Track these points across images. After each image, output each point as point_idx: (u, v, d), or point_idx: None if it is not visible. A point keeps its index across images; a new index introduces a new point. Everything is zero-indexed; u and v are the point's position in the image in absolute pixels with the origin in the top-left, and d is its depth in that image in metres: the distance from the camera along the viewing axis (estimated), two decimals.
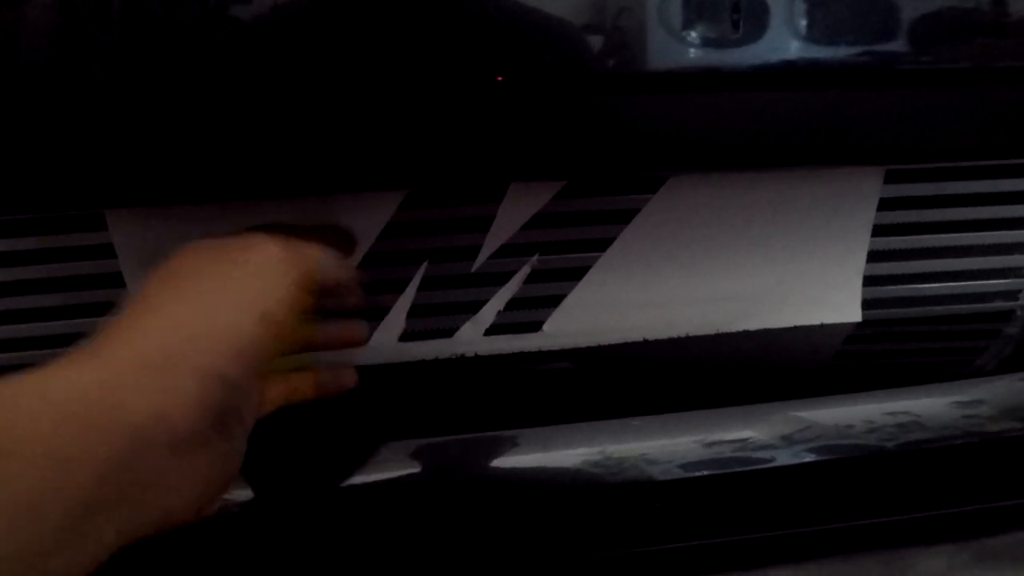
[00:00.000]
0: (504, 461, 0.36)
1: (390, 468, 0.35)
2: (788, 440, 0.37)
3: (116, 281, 0.37)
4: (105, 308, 0.38)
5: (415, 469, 0.35)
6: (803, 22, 0.30)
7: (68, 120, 0.30)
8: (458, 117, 0.31)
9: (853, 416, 0.38)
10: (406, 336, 0.40)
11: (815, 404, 0.38)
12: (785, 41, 0.30)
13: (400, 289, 0.40)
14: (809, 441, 0.37)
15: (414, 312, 0.40)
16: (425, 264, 0.39)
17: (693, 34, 0.30)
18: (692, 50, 0.30)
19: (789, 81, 0.30)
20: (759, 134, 0.32)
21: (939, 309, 0.44)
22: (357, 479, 0.34)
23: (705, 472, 0.36)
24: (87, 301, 0.38)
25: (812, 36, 0.30)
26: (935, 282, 0.43)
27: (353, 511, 0.34)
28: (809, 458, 0.37)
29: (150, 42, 0.28)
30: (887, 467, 0.37)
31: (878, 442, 0.37)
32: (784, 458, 0.36)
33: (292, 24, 0.29)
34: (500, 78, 0.29)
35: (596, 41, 0.29)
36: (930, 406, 0.38)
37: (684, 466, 0.36)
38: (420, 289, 0.40)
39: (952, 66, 0.32)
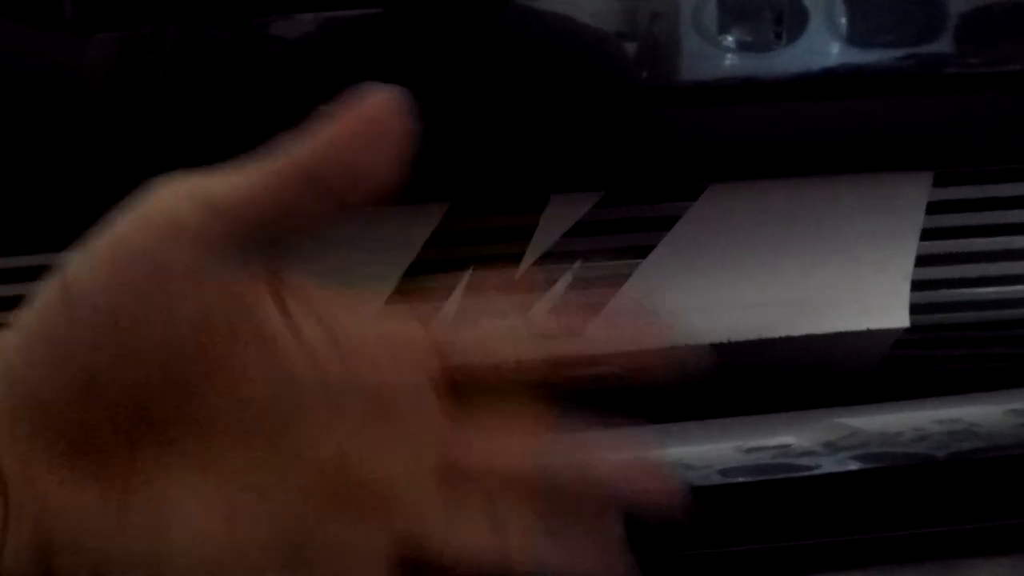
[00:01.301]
0: None
1: None
2: (831, 447, 0.36)
3: None
4: None
5: None
6: (845, 29, 0.30)
7: (122, 140, 0.31)
8: (500, 132, 0.32)
9: (902, 423, 0.37)
10: None
11: (861, 411, 0.37)
12: (827, 49, 0.30)
13: (444, 297, 0.41)
14: (854, 448, 0.36)
15: (459, 319, 0.41)
16: (469, 271, 0.40)
17: (734, 44, 0.30)
18: (733, 60, 0.30)
19: (831, 89, 0.30)
20: (802, 142, 0.32)
21: (989, 314, 0.43)
22: None
23: (746, 478, 0.36)
24: None
25: (855, 42, 0.30)
26: (985, 286, 0.42)
27: None
28: (855, 466, 0.36)
29: (200, 67, 0.30)
30: (937, 476, 0.37)
31: (928, 450, 0.36)
32: (828, 465, 0.36)
33: (338, 43, 0.30)
34: (535, 93, 0.30)
35: (634, 54, 0.30)
36: (983, 414, 0.37)
37: (724, 472, 0.36)
38: (464, 296, 0.41)
39: (1000, 69, 0.31)
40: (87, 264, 0.17)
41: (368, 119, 0.17)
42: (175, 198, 0.17)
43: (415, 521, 0.18)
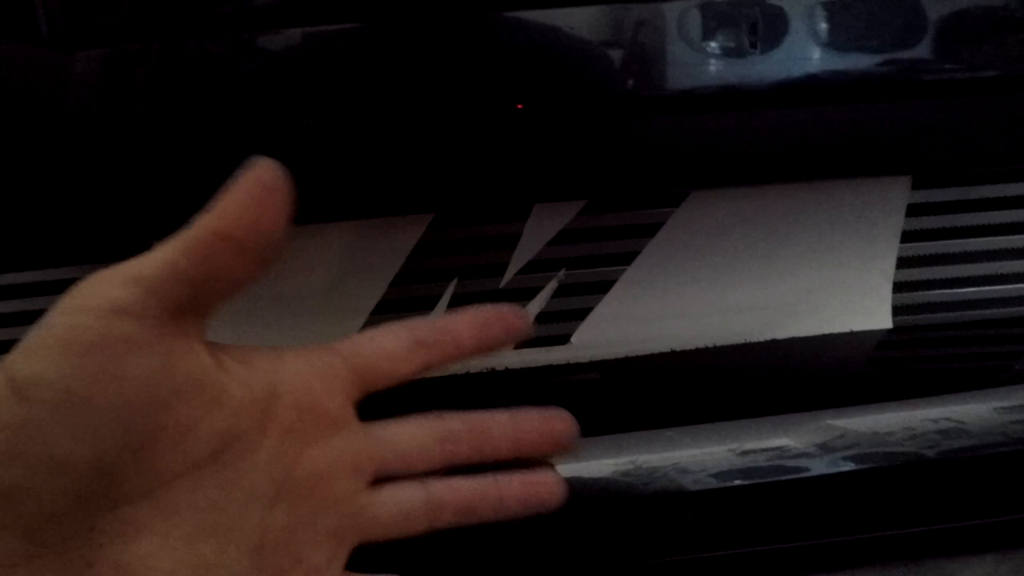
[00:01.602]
0: None
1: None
2: (824, 448, 0.37)
3: None
4: None
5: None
6: (822, 37, 0.30)
7: (113, 152, 0.31)
8: (482, 143, 0.32)
9: (892, 423, 0.37)
10: None
11: (851, 412, 0.38)
12: (804, 56, 0.30)
13: (431, 306, 0.41)
14: (847, 449, 0.37)
15: None
16: (455, 281, 0.40)
17: (712, 53, 0.30)
18: (712, 68, 0.30)
19: (809, 96, 0.31)
20: (781, 149, 0.33)
21: (971, 314, 0.43)
22: None
23: (738, 482, 0.36)
24: None
25: (832, 50, 0.30)
26: (966, 287, 0.43)
27: None
28: (847, 466, 0.36)
29: (190, 79, 0.30)
30: (927, 475, 0.37)
31: (918, 449, 0.37)
32: (820, 467, 0.36)
33: (324, 57, 0.30)
34: (520, 105, 0.30)
35: (615, 64, 0.30)
36: (973, 412, 0.38)
37: (717, 475, 0.36)
38: (450, 306, 0.41)
39: (975, 75, 0.32)
40: (34, 358, 0.18)
41: (262, 183, 0.20)
42: (109, 285, 0.19)
43: (354, 507, 0.23)
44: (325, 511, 0.22)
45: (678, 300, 0.41)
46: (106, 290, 0.19)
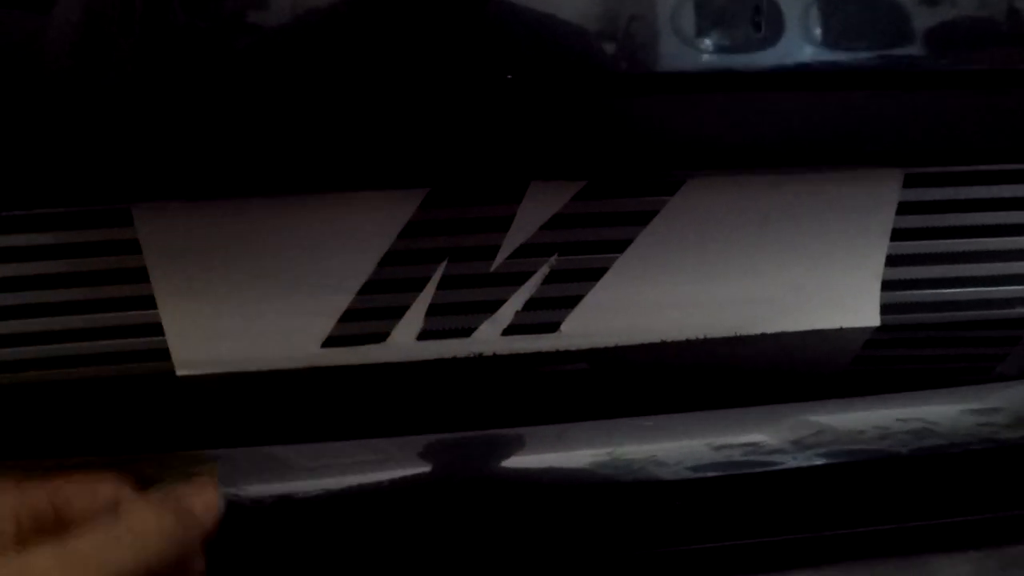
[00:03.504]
0: (516, 460, 0.36)
1: (405, 465, 0.35)
2: (799, 444, 0.37)
3: (141, 276, 0.38)
4: (129, 303, 0.39)
5: (428, 467, 0.35)
6: (821, 24, 0.30)
7: (95, 116, 0.30)
8: (478, 116, 0.31)
9: (865, 421, 0.37)
10: (424, 335, 0.41)
11: (828, 408, 0.38)
12: (803, 43, 0.30)
13: (419, 288, 0.40)
14: (822, 445, 0.37)
15: (432, 311, 0.40)
16: (444, 263, 0.40)
17: (713, 35, 0.30)
18: (711, 51, 0.30)
19: (807, 82, 0.31)
20: (777, 135, 0.32)
21: (959, 314, 0.43)
22: (370, 476, 0.35)
23: (715, 474, 0.36)
24: (111, 296, 0.39)
25: (830, 38, 0.30)
26: (955, 287, 0.43)
27: (365, 509, 0.35)
28: (821, 461, 0.36)
29: (174, 41, 0.29)
30: (901, 472, 0.37)
31: (890, 447, 0.37)
32: (796, 461, 0.36)
33: (314, 25, 0.30)
34: (510, 76, 0.29)
35: (614, 41, 0.30)
36: (943, 412, 0.38)
37: (694, 467, 0.36)
38: (439, 288, 0.40)
39: (971, 68, 0.32)
40: None
41: None
42: None
43: None
44: None
45: (670, 290, 0.41)
46: None
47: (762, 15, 0.29)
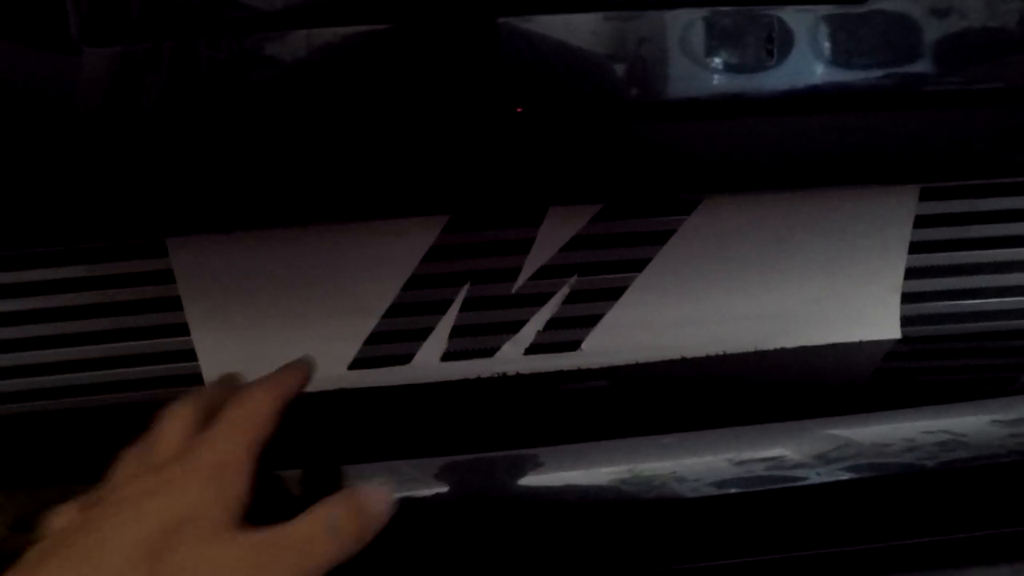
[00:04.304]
0: (539, 478, 0.36)
1: (429, 484, 0.36)
2: (823, 459, 0.37)
3: (175, 305, 0.39)
4: (164, 331, 0.40)
5: (451, 486, 0.36)
6: (831, 47, 0.31)
7: (130, 155, 0.32)
8: (495, 146, 0.32)
9: (892, 434, 0.37)
10: (448, 355, 0.42)
11: (852, 422, 0.38)
12: (813, 66, 0.31)
13: (442, 310, 0.41)
14: (846, 459, 0.37)
15: (456, 332, 0.41)
16: (467, 285, 0.41)
17: (726, 60, 0.31)
18: (723, 75, 0.31)
19: (816, 104, 0.31)
20: (789, 156, 0.33)
21: (980, 325, 0.43)
22: (399, 494, 0.35)
23: (739, 490, 0.36)
24: (146, 324, 0.40)
25: (839, 61, 0.31)
26: (974, 298, 0.43)
27: (392, 528, 0.35)
28: (846, 476, 0.36)
29: (205, 79, 0.30)
30: (929, 486, 0.37)
31: (917, 460, 0.37)
32: (821, 476, 0.36)
33: (337, 64, 0.31)
34: (520, 109, 0.30)
35: (626, 69, 0.31)
36: (970, 424, 0.38)
37: (715, 484, 0.36)
38: (462, 310, 0.41)
39: (981, 87, 0.32)
40: None
41: None
42: None
43: None
44: None
45: (689, 307, 0.42)
46: None
47: (774, 41, 0.30)
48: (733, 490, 0.36)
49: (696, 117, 0.31)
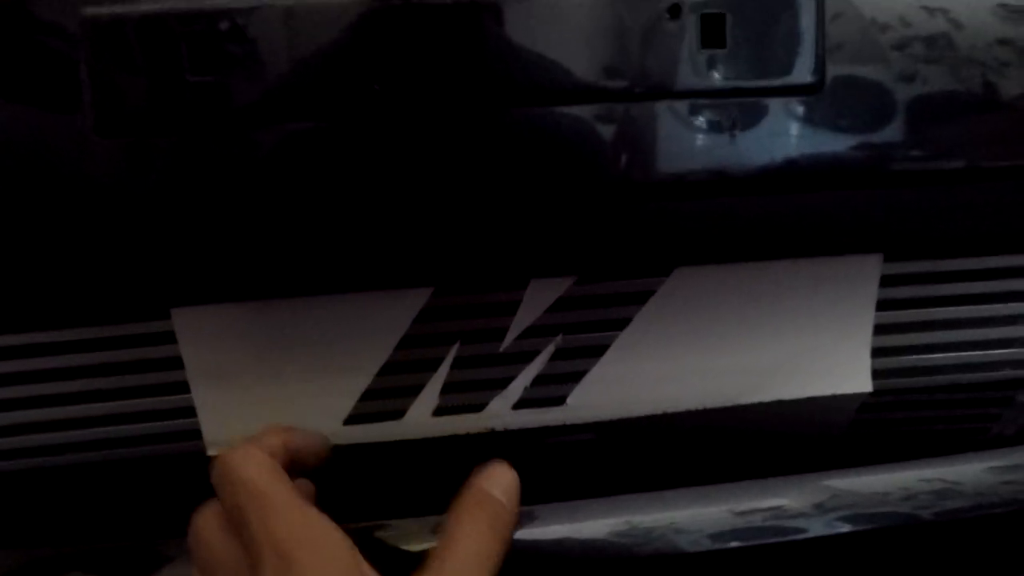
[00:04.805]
0: (530, 532, 0.37)
1: (428, 540, 0.37)
2: (820, 508, 0.37)
3: (176, 364, 0.41)
4: (165, 389, 0.42)
5: None
6: (797, 129, 0.33)
7: (143, 233, 0.34)
8: (481, 224, 0.34)
9: (888, 484, 0.38)
10: (439, 411, 0.43)
11: (845, 473, 0.39)
12: (777, 148, 0.33)
13: (434, 368, 0.43)
14: (842, 509, 0.37)
15: (447, 389, 0.43)
16: (457, 344, 0.42)
17: (691, 144, 0.33)
18: (690, 158, 0.33)
19: (785, 182, 0.34)
20: (756, 230, 0.35)
21: (949, 378, 0.45)
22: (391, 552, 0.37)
23: (736, 543, 0.37)
24: (148, 383, 0.42)
25: (802, 144, 0.33)
26: (942, 352, 0.45)
27: None
28: (844, 527, 0.37)
29: (210, 170, 0.33)
30: (924, 536, 0.38)
31: (913, 510, 0.37)
32: (818, 527, 0.37)
33: (333, 152, 0.33)
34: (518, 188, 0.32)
35: (605, 156, 0.33)
36: (966, 472, 0.39)
37: (714, 536, 0.37)
38: (453, 367, 0.43)
39: (944, 166, 0.34)
40: None
41: None
42: None
43: None
44: None
45: (669, 364, 0.43)
46: None
47: (737, 126, 0.32)
48: (724, 544, 0.36)
49: (665, 197, 0.34)
